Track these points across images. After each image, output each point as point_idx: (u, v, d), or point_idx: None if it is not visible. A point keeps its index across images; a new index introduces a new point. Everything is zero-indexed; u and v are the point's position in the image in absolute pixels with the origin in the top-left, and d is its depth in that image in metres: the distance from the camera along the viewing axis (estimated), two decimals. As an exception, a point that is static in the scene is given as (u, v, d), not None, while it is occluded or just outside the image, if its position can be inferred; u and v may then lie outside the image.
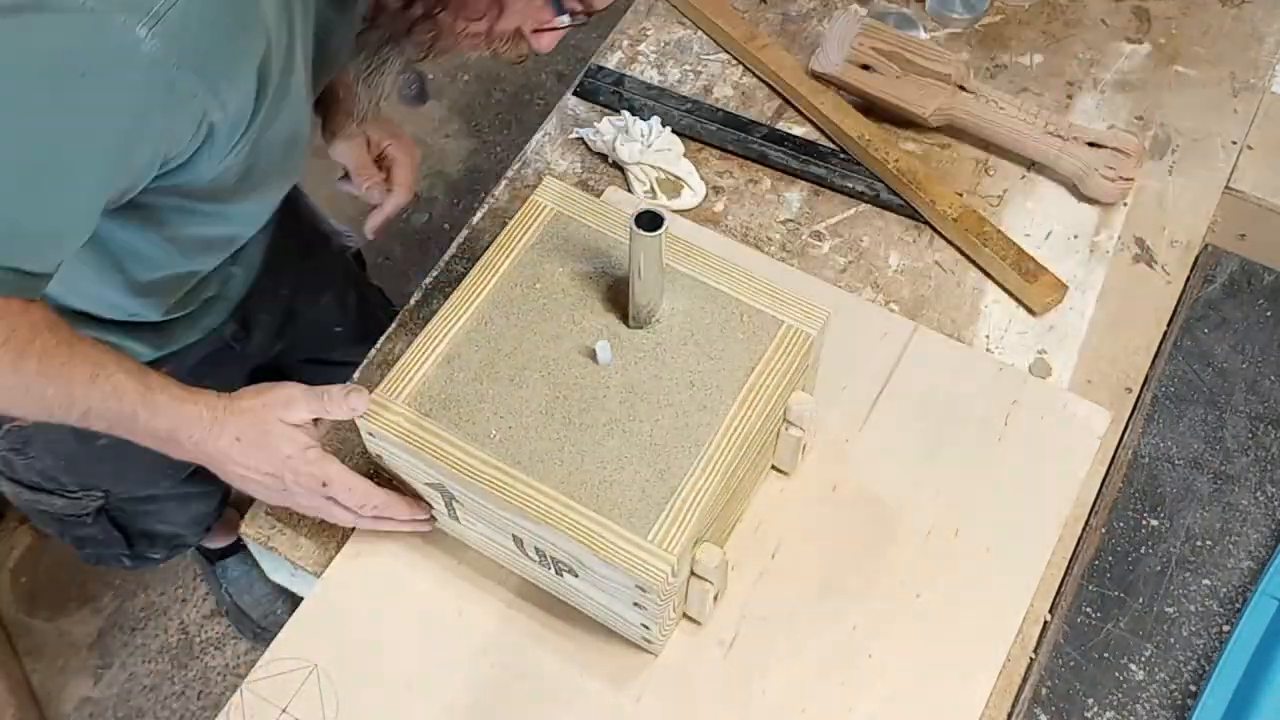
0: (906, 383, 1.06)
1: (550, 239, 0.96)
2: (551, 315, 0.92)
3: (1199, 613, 0.98)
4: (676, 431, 0.86)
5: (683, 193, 1.18)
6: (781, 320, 0.91)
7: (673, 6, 1.35)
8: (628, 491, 0.84)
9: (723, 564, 0.86)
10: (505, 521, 0.87)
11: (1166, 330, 1.12)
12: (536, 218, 0.97)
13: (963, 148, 1.22)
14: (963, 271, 1.15)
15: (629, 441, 0.86)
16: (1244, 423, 1.07)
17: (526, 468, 0.85)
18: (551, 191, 0.98)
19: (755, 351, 0.90)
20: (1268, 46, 1.29)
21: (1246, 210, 1.20)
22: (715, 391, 0.88)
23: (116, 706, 1.88)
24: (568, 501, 0.83)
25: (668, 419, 0.87)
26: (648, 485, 0.84)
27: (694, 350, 0.90)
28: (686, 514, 0.83)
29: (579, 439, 0.86)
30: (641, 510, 0.83)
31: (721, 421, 0.87)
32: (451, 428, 0.87)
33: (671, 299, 0.92)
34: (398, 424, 0.87)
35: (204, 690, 1.89)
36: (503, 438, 0.86)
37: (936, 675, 0.92)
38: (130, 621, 1.96)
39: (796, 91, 1.25)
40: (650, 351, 0.90)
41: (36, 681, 1.90)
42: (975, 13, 1.31)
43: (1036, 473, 1.01)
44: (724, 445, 0.86)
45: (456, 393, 0.88)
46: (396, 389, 0.89)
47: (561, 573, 0.88)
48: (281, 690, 0.92)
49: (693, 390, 0.88)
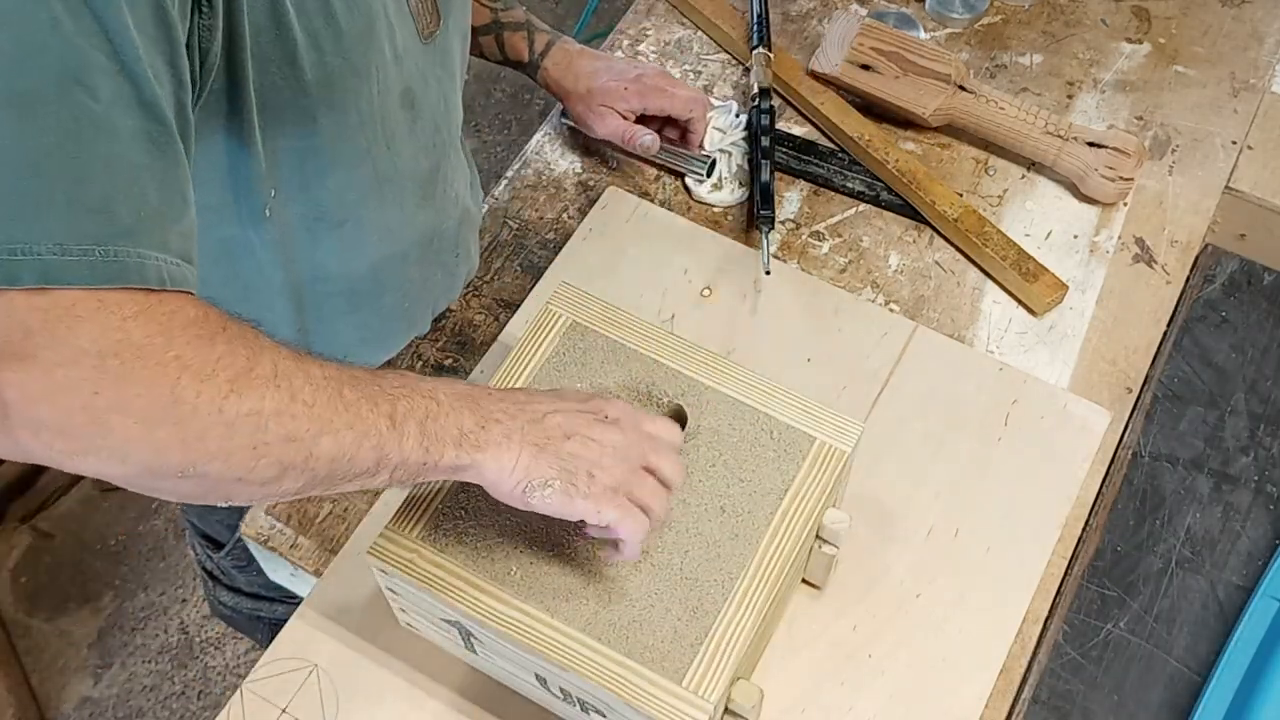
0: (906, 383, 1.06)
1: (567, 352, 0.90)
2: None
3: (1199, 613, 0.98)
4: (708, 563, 0.81)
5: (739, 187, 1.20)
6: (814, 437, 0.85)
7: (672, 6, 1.35)
8: (659, 632, 0.78)
9: (759, 703, 0.81)
10: (528, 662, 0.82)
11: (1166, 330, 1.12)
12: (552, 327, 0.91)
13: (963, 148, 1.22)
14: (963, 271, 1.15)
15: (658, 576, 0.80)
16: (1244, 423, 1.07)
17: (550, 608, 0.79)
18: (566, 300, 0.92)
19: (788, 473, 0.84)
20: (1268, 46, 1.29)
21: (1246, 210, 1.20)
22: (747, 518, 0.82)
23: (116, 706, 1.88)
24: (595, 645, 0.77)
25: (698, 550, 0.81)
26: (680, 625, 0.78)
27: (723, 473, 0.84)
28: (723, 655, 0.77)
29: (604, 574, 0.80)
30: (675, 653, 0.77)
31: (756, 551, 0.81)
32: (469, 565, 0.80)
33: (697, 415, 0.87)
34: (412, 562, 0.80)
35: (204, 690, 1.90)
36: (523, 574, 0.80)
37: (936, 675, 0.92)
38: (130, 621, 1.96)
39: (796, 91, 1.25)
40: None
41: (36, 681, 1.90)
42: (975, 13, 1.31)
43: (1036, 473, 1.01)
44: (760, 576, 0.80)
45: (472, 527, 0.82)
46: (410, 523, 0.82)
47: (588, 711, 0.83)
48: (281, 690, 0.92)
49: (724, 517, 0.83)
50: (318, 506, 1.02)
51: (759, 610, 0.79)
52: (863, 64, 1.22)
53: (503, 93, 2.57)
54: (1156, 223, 1.17)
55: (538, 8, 2.72)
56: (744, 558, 0.81)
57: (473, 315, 1.13)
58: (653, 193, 1.21)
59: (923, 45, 1.21)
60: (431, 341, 1.11)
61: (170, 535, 2.06)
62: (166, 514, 2.09)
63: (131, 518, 2.08)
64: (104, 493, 2.10)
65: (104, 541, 2.05)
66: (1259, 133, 1.23)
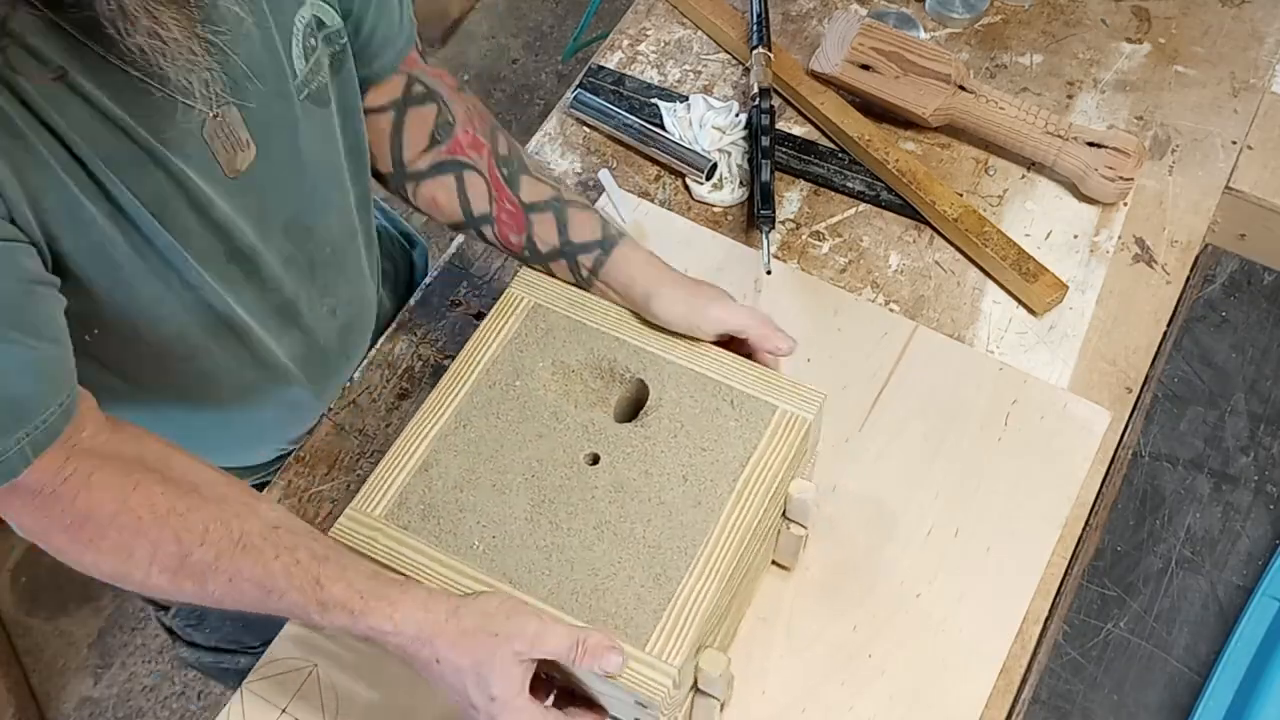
0: (906, 383, 1.06)
1: (529, 332, 0.90)
2: (533, 414, 0.87)
3: (1199, 613, 0.98)
4: (670, 531, 0.81)
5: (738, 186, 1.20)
6: (775, 405, 0.86)
7: (673, 7, 1.35)
8: (621, 599, 0.79)
9: (727, 672, 0.82)
10: None
11: (1166, 330, 1.12)
12: (513, 310, 0.92)
13: (963, 148, 1.22)
14: (963, 271, 1.15)
15: (621, 544, 0.81)
16: (1244, 423, 1.07)
17: (513, 579, 0.80)
18: (527, 283, 0.93)
19: (750, 441, 0.85)
20: (1268, 46, 1.29)
21: (1246, 210, 1.20)
22: (709, 486, 0.83)
23: (116, 706, 1.88)
24: (558, 614, 0.78)
25: (661, 518, 0.82)
26: (643, 591, 0.79)
27: (684, 443, 0.85)
28: (686, 621, 0.78)
29: (567, 544, 0.81)
30: (638, 619, 0.78)
31: (718, 518, 0.82)
32: (433, 541, 0.82)
33: (659, 389, 0.88)
34: (375, 540, 0.82)
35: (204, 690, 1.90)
36: (486, 548, 0.81)
37: (936, 675, 0.92)
38: (130, 621, 1.96)
39: (796, 91, 1.25)
40: (639, 446, 0.85)
41: (36, 681, 1.90)
42: (975, 13, 1.31)
43: (1036, 473, 1.01)
44: (722, 543, 0.81)
45: (436, 502, 0.83)
46: (373, 502, 0.83)
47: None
48: (281, 690, 0.92)
49: (686, 485, 0.83)
50: (317, 506, 1.02)
51: (722, 575, 0.80)
52: (863, 64, 1.22)
53: (503, 93, 2.57)
54: (1156, 223, 1.17)
55: (539, 9, 2.72)
56: (706, 525, 0.82)
57: (473, 315, 1.13)
58: (653, 193, 1.21)
59: (923, 45, 1.21)
60: (431, 342, 1.11)
61: (170, 535, 2.06)
62: (166, 514, 2.08)
63: (131, 518, 2.07)
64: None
65: (104, 541, 2.05)
66: (1259, 133, 1.23)
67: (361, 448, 1.05)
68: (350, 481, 1.04)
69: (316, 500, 1.03)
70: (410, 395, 1.08)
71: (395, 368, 1.10)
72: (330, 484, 1.04)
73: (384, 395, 1.08)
